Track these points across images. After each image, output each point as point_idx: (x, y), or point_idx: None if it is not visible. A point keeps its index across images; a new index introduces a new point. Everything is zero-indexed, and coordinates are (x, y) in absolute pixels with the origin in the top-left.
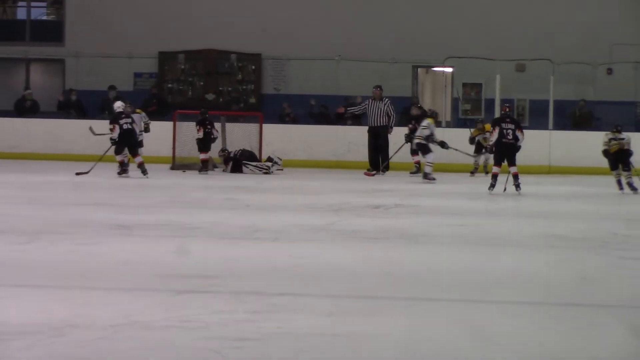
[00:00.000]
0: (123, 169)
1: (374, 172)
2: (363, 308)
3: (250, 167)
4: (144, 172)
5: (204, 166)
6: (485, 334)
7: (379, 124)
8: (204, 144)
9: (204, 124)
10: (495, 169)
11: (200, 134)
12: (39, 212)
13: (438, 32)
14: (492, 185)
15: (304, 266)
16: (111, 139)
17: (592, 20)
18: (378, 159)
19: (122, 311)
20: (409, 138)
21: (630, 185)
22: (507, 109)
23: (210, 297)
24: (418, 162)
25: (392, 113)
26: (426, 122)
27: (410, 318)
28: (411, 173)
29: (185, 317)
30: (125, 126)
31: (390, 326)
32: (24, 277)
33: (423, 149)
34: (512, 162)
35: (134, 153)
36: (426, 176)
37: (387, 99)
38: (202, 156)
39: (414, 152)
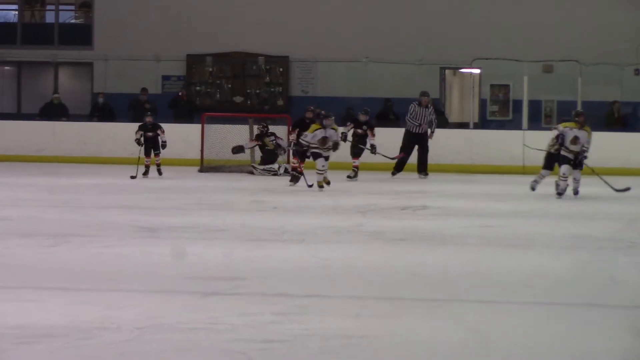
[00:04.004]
0: (146, 171)
1: (395, 172)
2: (389, 309)
3: (259, 170)
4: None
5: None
6: (512, 336)
7: (423, 131)
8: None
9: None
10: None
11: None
12: (66, 215)
13: (465, 34)
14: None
15: (330, 268)
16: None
17: (620, 21)
18: (405, 163)
19: (149, 313)
20: (355, 143)
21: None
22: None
23: (237, 299)
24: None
25: (435, 121)
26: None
27: (436, 319)
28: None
29: (212, 319)
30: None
31: (417, 327)
32: (51, 279)
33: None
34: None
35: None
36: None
37: (431, 107)
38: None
39: (355, 155)
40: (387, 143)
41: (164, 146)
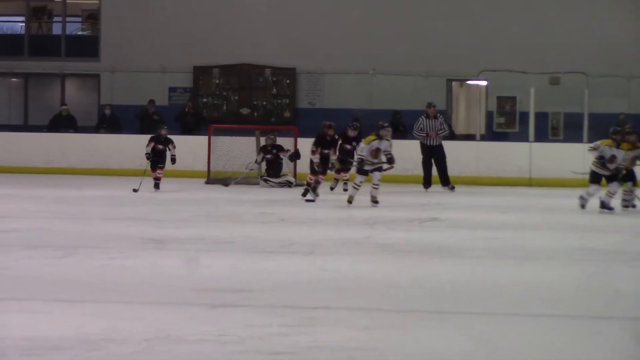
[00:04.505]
0: (157, 183)
1: (427, 186)
2: (397, 321)
3: (270, 183)
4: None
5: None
6: (519, 347)
7: (435, 143)
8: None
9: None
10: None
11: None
12: (74, 227)
13: (472, 46)
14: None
15: (338, 280)
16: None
17: (627, 34)
18: (431, 176)
19: (156, 325)
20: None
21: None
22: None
23: (245, 310)
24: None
25: (447, 128)
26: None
27: (445, 331)
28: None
29: (220, 331)
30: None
31: (425, 339)
32: (58, 291)
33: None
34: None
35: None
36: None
37: (440, 116)
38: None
39: (343, 170)
40: (397, 155)
41: (173, 161)
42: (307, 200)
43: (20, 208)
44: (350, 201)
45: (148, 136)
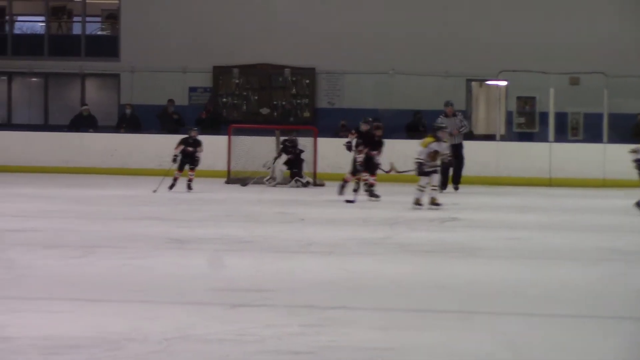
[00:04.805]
0: (173, 184)
1: (442, 187)
2: (417, 321)
3: (300, 182)
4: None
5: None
6: (538, 348)
7: (455, 142)
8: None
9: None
10: None
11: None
12: (94, 227)
13: (492, 46)
14: None
15: (358, 280)
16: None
17: None
18: (448, 178)
19: (177, 325)
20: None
21: None
22: None
23: (265, 310)
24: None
25: (467, 124)
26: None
27: (465, 332)
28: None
29: (240, 331)
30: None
31: (445, 340)
32: (79, 291)
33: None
34: None
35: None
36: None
37: (459, 113)
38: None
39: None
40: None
41: (196, 162)
42: (347, 201)
43: (40, 208)
44: (418, 203)
45: (167, 136)
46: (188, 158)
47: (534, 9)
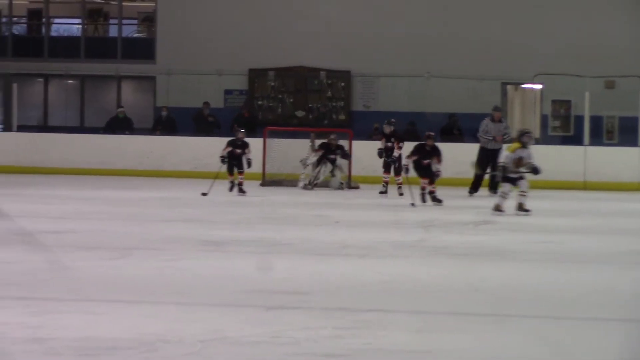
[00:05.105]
0: (231, 187)
1: (473, 191)
2: (451, 324)
3: (344, 186)
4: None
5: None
6: (571, 351)
7: (496, 147)
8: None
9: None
10: None
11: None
12: (130, 228)
13: (527, 49)
14: None
15: (392, 282)
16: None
17: None
18: (481, 180)
19: (212, 327)
20: (384, 155)
21: None
22: None
23: (300, 312)
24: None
25: (509, 134)
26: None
27: (498, 334)
28: (381, 192)
29: (275, 333)
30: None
31: (479, 343)
32: (115, 292)
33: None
34: None
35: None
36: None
37: (505, 121)
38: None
39: (388, 170)
40: (453, 158)
41: (249, 164)
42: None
43: (76, 209)
44: (499, 210)
45: (202, 138)
46: (235, 160)
47: (569, 12)
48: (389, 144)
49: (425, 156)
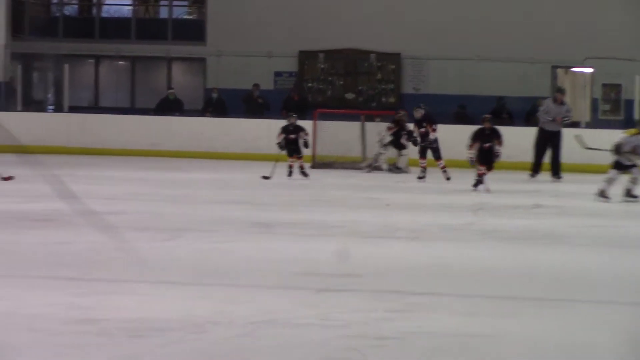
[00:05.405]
0: (290, 171)
1: (534, 174)
2: (501, 308)
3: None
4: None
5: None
6: (621, 335)
7: (555, 129)
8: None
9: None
10: None
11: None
12: (181, 210)
13: (577, 32)
14: None
15: (442, 266)
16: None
17: None
18: (541, 164)
19: (262, 309)
20: (417, 142)
21: None
22: None
23: (350, 295)
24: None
25: (569, 117)
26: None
27: (547, 319)
28: (419, 177)
29: (325, 315)
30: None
31: (528, 326)
32: (165, 274)
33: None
34: None
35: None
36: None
37: (566, 104)
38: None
39: (424, 155)
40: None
41: (306, 146)
42: (475, 188)
43: (128, 190)
44: (604, 195)
45: (252, 120)
46: (292, 144)
47: None
48: (422, 129)
49: (486, 140)
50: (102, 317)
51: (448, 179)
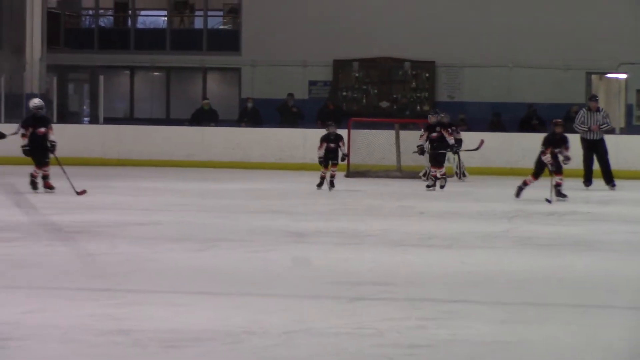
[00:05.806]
0: (320, 182)
1: (587, 183)
2: (536, 315)
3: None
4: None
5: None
6: None
7: (596, 137)
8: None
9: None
10: None
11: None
12: (216, 220)
13: (611, 38)
14: None
15: (477, 273)
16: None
17: None
18: (592, 172)
19: (296, 318)
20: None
21: None
22: None
23: (383, 303)
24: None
25: (610, 123)
26: None
27: (582, 325)
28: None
29: (359, 324)
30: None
31: (563, 333)
32: (200, 284)
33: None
34: None
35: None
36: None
37: (603, 109)
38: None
39: (438, 164)
40: (533, 149)
41: (343, 158)
42: (547, 200)
43: (162, 201)
44: None
45: (287, 129)
46: (331, 153)
47: None
48: (434, 134)
49: (556, 145)
50: (135, 328)
51: (428, 186)
